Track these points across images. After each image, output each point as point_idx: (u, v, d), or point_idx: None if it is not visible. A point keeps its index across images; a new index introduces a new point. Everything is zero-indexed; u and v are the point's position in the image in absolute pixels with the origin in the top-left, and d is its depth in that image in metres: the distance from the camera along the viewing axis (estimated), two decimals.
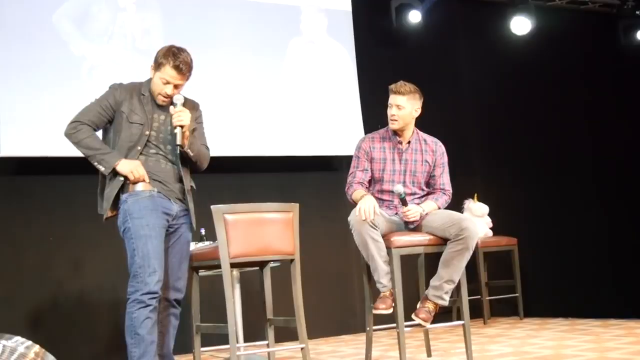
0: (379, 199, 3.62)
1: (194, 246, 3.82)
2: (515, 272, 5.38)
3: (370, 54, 5.64)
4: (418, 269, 3.83)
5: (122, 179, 3.14)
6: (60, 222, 4.70)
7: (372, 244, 3.38)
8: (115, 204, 3.18)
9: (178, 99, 3.18)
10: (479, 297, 5.31)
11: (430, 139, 3.67)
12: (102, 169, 3.16)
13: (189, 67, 3.16)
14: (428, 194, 3.70)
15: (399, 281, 3.42)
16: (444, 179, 3.66)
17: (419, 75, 4.58)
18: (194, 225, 3.30)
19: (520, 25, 6.04)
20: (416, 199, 3.65)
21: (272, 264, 3.62)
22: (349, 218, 3.50)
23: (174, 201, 3.25)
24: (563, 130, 6.48)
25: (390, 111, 3.56)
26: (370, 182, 3.67)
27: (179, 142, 3.13)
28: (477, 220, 5.17)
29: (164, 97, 3.19)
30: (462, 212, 4.65)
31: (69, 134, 3.18)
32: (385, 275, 3.39)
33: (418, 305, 3.46)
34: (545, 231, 6.23)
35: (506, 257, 5.42)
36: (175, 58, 3.12)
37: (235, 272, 4.03)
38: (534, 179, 6.28)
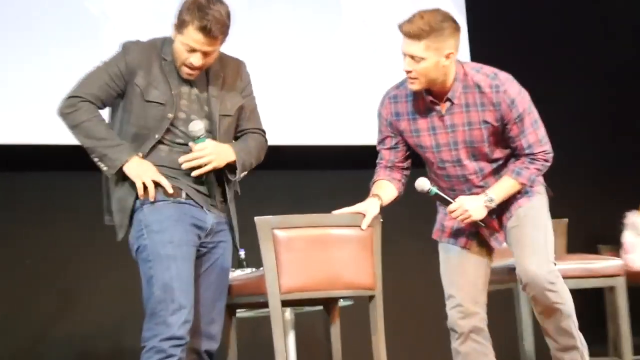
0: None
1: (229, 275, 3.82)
2: None
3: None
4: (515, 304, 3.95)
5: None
6: (42, 237, 4.80)
7: None
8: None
9: (195, 127, 3.20)
10: None
11: (486, 82, 3.40)
12: (104, 168, 3.24)
13: (223, 27, 3.18)
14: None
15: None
16: (530, 138, 3.41)
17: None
18: (238, 244, 3.41)
19: None
20: (488, 180, 3.51)
21: (342, 302, 3.75)
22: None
23: (208, 210, 3.31)
24: None
25: (404, 64, 3.37)
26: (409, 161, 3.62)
27: (214, 192, 3.29)
28: None
29: (190, 69, 3.24)
30: (623, 229, 4.72)
31: (64, 114, 3.25)
32: None
33: None
34: None
35: None
36: (202, 15, 3.14)
37: (289, 313, 4.16)
38: None
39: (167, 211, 3.22)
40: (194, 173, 3.24)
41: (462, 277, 3.54)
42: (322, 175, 5.53)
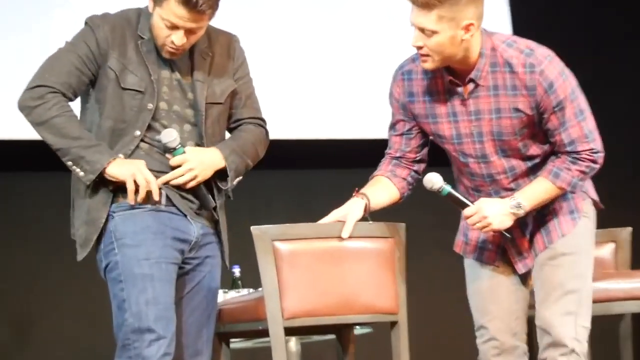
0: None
1: (221, 297, 3.82)
2: None
3: None
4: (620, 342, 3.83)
5: (111, 189, 3.19)
6: None
7: None
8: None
9: (167, 137, 3.20)
10: None
11: (519, 59, 3.25)
12: (80, 174, 3.17)
13: (212, 1, 3.16)
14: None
15: None
16: (572, 132, 3.25)
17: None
18: (227, 261, 3.37)
19: None
20: (520, 182, 3.34)
21: (358, 330, 3.74)
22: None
23: (193, 219, 3.28)
24: None
25: (412, 38, 3.24)
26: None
27: (209, 205, 3.28)
28: None
29: (172, 49, 3.20)
30: None
31: (29, 107, 3.18)
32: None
33: None
34: None
35: None
36: None
37: (294, 343, 4.16)
38: None
39: (143, 220, 3.18)
40: (174, 182, 3.24)
41: (495, 304, 3.41)
42: (331, 174, 5.47)
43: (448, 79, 3.28)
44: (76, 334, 4.73)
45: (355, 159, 5.27)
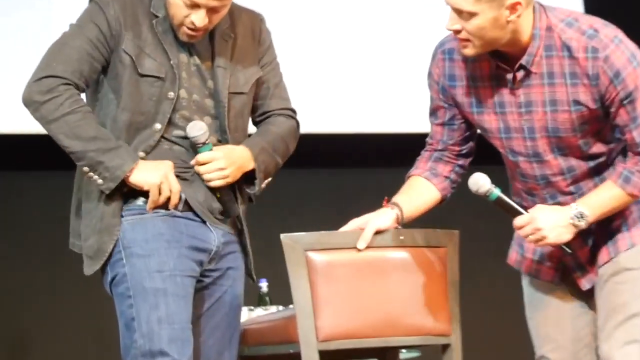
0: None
1: (246, 315, 3.90)
2: None
3: None
4: None
5: (126, 191, 3.19)
6: None
7: None
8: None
9: (196, 131, 3.20)
10: None
11: (581, 42, 3.13)
12: (98, 181, 3.14)
13: None
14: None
15: None
16: None
17: None
18: (253, 273, 3.36)
19: None
20: (581, 184, 3.27)
21: (404, 354, 3.71)
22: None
23: (213, 226, 3.25)
24: None
25: (448, 21, 3.18)
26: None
27: (234, 211, 3.29)
28: None
29: (192, 31, 3.19)
30: None
31: (39, 102, 3.14)
32: None
33: None
34: None
35: None
36: None
37: None
38: None
39: (155, 227, 3.17)
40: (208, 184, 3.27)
41: (558, 330, 3.35)
42: (373, 173, 5.43)
43: (495, 63, 3.20)
44: (77, 357, 4.78)
45: (400, 156, 4.98)
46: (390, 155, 5.35)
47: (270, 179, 3.36)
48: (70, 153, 3.16)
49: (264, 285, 4.35)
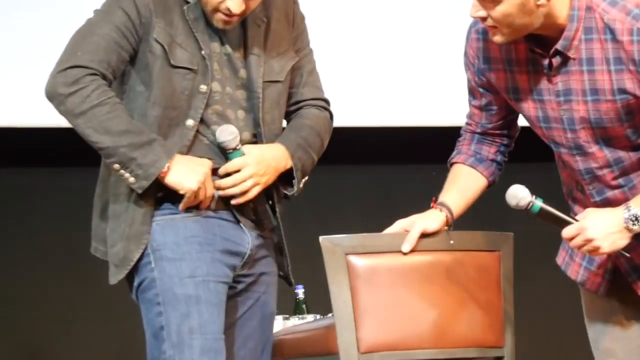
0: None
1: (281, 324, 3.97)
2: None
3: None
4: None
5: (160, 195, 3.19)
6: None
7: None
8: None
9: (226, 136, 3.21)
10: None
11: (625, 23, 3.08)
12: (130, 179, 3.14)
13: None
14: None
15: None
16: None
17: None
18: (291, 276, 3.38)
19: None
20: (632, 177, 3.23)
21: None
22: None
23: (247, 229, 3.26)
24: None
25: (471, 8, 3.14)
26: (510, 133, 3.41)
27: (270, 223, 3.31)
28: None
29: (227, 16, 3.19)
30: None
31: (61, 95, 3.14)
32: None
33: None
34: None
35: None
36: None
37: None
38: None
39: (187, 228, 3.17)
40: (234, 201, 3.23)
41: (618, 341, 3.33)
42: (420, 169, 5.39)
43: (530, 47, 3.16)
44: None
45: (451, 151, 5.29)
46: (443, 150, 5.37)
47: (307, 177, 3.36)
48: (99, 149, 3.15)
49: (300, 292, 4.36)
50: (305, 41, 3.40)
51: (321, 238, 3.16)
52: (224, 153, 3.21)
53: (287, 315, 4.15)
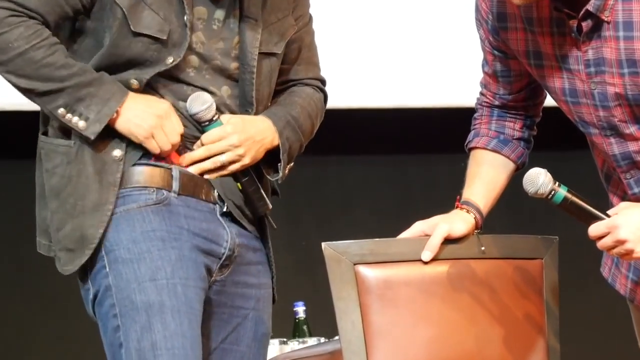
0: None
1: (277, 349, 4.00)
2: None
3: None
4: None
5: (117, 154, 3.02)
6: None
7: None
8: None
9: (199, 104, 3.12)
10: None
11: None
12: (80, 123, 2.97)
13: None
14: None
15: None
16: None
17: None
18: (275, 291, 3.24)
19: None
20: None
21: None
22: None
23: (226, 221, 3.10)
24: None
25: None
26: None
27: (264, 206, 3.18)
28: None
29: None
30: None
31: None
32: None
33: None
34: None
35: None
36: None
37: None
38: None
39: (145, 222, 3.00)
40: (208, 176, 3.12)
41: None
42: (442, 160, 5.36)
43: (555, 5, 3.06)
44: None
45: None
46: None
47: (292, 164, 3.25)
48: (37, 95, 2.99)
49: (300, 310, 4.30)
50: (305, 8, 3.28)
51: (324, 245, 3.03)
52: (201, 128, 3.12)
53: (285, 339, 4.12)
